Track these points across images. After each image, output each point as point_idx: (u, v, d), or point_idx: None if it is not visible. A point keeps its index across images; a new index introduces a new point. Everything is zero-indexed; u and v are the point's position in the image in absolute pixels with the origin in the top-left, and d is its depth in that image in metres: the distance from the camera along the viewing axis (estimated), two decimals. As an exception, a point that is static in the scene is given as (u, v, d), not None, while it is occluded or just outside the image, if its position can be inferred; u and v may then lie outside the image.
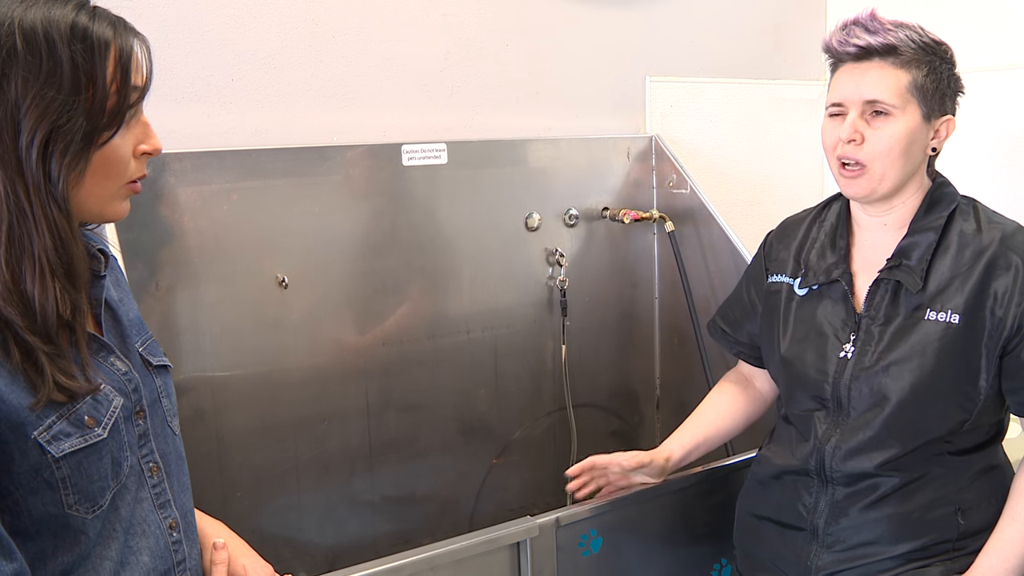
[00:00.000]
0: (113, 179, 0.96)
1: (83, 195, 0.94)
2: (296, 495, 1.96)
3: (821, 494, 1.40)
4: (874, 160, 1.30)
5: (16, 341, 0.89)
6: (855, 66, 1.33)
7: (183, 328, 1.79)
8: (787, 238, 1.53)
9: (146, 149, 0.99)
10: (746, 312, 1.58)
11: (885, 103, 1.29)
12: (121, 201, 0.99)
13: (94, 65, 0.90)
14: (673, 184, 2.30)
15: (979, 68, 2.32)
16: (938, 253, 1.32)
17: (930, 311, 1.30)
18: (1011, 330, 1.26)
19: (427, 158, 2.02)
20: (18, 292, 0.89)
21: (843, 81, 1.34)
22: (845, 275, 1.39)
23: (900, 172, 1.31)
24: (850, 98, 1.32)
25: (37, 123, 0.88)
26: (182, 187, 1.76)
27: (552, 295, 2.25)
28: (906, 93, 1.29)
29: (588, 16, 2.28)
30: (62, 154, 0.89)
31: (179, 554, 1.06)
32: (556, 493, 2.32)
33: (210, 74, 1.83)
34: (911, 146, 1.30)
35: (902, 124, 1.29)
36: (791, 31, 2.63)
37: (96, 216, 0.99)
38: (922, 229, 1.34)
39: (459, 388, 2.16)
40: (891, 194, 1.34)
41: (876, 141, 1.29)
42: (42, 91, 0.88)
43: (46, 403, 0.90)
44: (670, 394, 2.45)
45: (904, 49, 1.29)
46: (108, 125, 0.93)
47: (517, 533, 1.47)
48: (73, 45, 0.89)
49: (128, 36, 0.95)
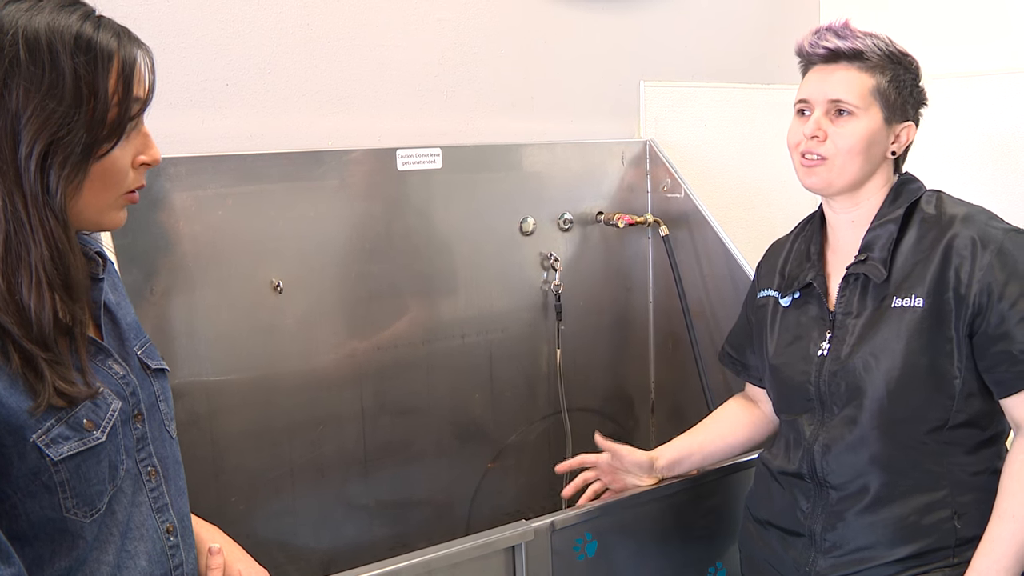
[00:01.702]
0: (111, 190, 0.96)
1: (80, 205, 0.94)
2: (291, 499, 1.96)
3: (816, 499, 1.40)
4: (835, 155, 1.35)
5: (16, 347, 0.89)
6: (823, 68, 1.39)
7: (178, 333, 1.79)
8: (773, 256, 1.58)
9: (145, 160, 0.99)
10: (748, 335, 1.62)
11: (848, 103, 1.35)
12: (118, 211, 0.99)
13: (96, 77, 0.90)
14: (667, 188, 2.30)
15: (967, 73, 2.34)
16: (902, 242, 1.35)
17: (895, 299, 1.32)
18: (974, 308, 1.27)
19: (422, 163, 2.02)
20: (14, 302, 0.89)
21: (811, 81, 1.41)
22: (819, 277, 1.43)
23: (858, 169, 1.36)
24: (815, 97, 1.38)
25: (37, 135, 0.87)
26: (177, 192, 1.76)
27: (547, 299, 2.25)
28: (869, 96, 1.35)
29: (582, 21, 2.29)
30: (61, 166, 0.89)
31: (176, 559, 1.06)
32: (551, 497, 2.32)
33: (205, 79, 1.83)
34: (871, 146, 1.35)
35: (863, 124, 1.35)
36: (784, 35, 2.64)
37: (93, 225, 0.99)
38: (884, 222, 1.38)
39: (454, 392, 2.16)
40: (849, 188, 1.38)
41: (838, 138, 1.35)
42: (43, 102, 0.87)
43: (46, 408, 0.90)
44: (665, 398, 2.46)
45: (870, 55, 1.36)
46: (108, 137, 0.92)
47: (512, 537, 1.48)
48: (76, 56, 0.89)
49: (132, 47, 0.94)
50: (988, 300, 1.26)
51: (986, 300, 1.26)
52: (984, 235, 1.29)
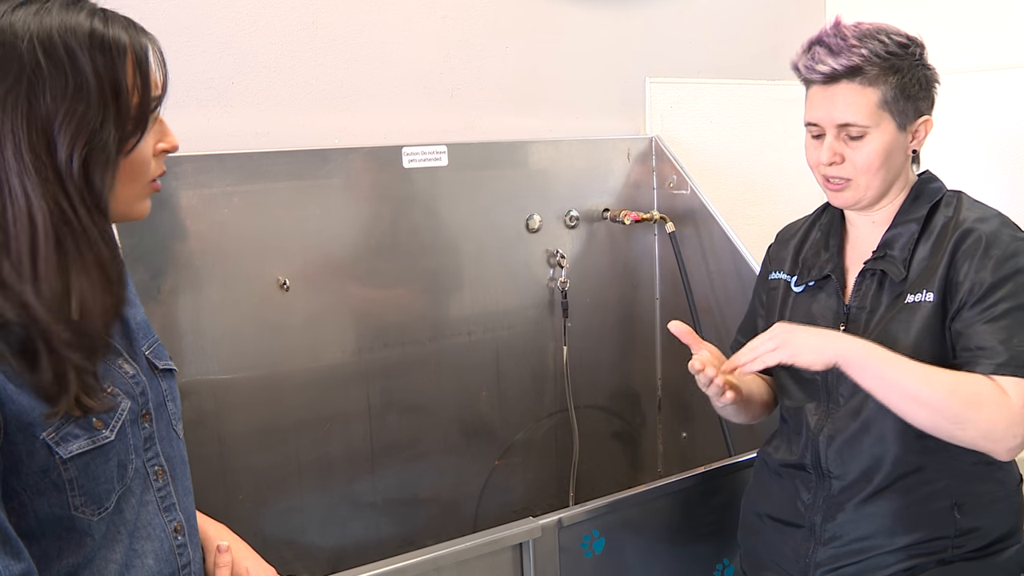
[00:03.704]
0: (138, 181, 0.97)
1: (112, 199, 0.94)
2: (298, 497, 1.96)
3: (818, 490, 1.41)
4: (857, 175, 1.35)
5: (52, 359, 0.88)
6: (824, 89, 1.36)
7: (185, 331, 1.79)
8: (787, 240, 1.57)
9: (164, 147, 1.00)
10: (758, 323, 1.60)
11: (858, 125, 1.33)
12: (144, 200, 1.00)
13: (116, 73, 0.90)
14: (673, 185, 2.30)
15: (972, 68, 2.33)
16: (921, 242, 1.35)
17: (910, 295, 1.32)
18: (959, 302, 1.28)
19: (428, 160, 2.02)
20: (68, 305, 0.88)
21: (815, 103, 1.38)
22: (837, 270, 1.43)
23: (883, 182, 1.36)
24: (824, 121, 1.36)
25: (75, 138, 0.87)
26: (183, 190, 1.76)
27: (553, 296, 2.25)
28: (877, 110, 1.32)
29: (587, 18, 2.29)
30: (104, 165, 0.89)
31: (184, 557, 1.07)
32: (559, 494, 2.33)
33: (210, 77, 1.84)
34: (890, 157, 1.35)
35: (878, 141, 1.33)
36: (790, 31, 2.63)
37: (122, 217, 0.99)
38: (905, 221, 1.38)
39: (461, 390, 2.16)
40: (878, 200, 1.39)
41: (856, 159, 1.34)
42: (73, 106, 0.87)
43: (62, 417, 0.90)
44: (672, 395, 2.45)
45: (868, 68, 1.31)
46: (134, 131, 0.93)
47: (520, 534, 1.48)
48: (94, 55, 0.88)
49: (142, 37, 0.94)
50: (971, 297, 1.27)
51: (970, 298, 1.27)
52: (992, 238, 1.29)
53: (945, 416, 1.22)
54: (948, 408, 1.22)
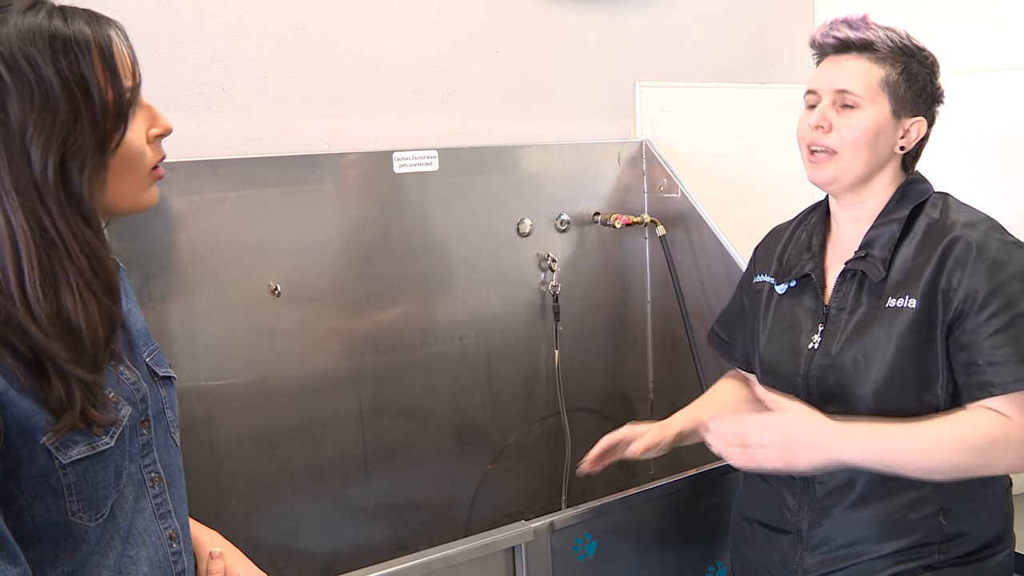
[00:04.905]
0: (135, 172, 0.96)
1: (110, 197, 0.93)
2: (291, 503, 1.96)
3: (803, 495, 1.41)
4: (842, 147, 1.35)
5: (59, 375, 0.88)
6: (834, 58, 1.40)
7: (176, 337, 1.79)
8: (773, 242, 1.57)
9: (158, 132, 0.98)
10: (740, 318, 1.61)
11: (854, 94, 1.34)
12: (148, 190, 0.99)
13: (83, 73, 0.88)
14: (664, 188, 2.31)
15: (967, 70, 2.34)
16: (903, 243, 1.35)
17: (891, 299, 1.32)
18: (955, 313, 1.27)
19: (418, 165, 2.02)
20: (62, 323, 0.87)
21: (820, 71, 1.41)
22: (817, 269, 1.43)
23: (865, 163, 1.36)
24: (823, 86, 1.38)
25: (47, 148, 0.86)
26: (174, 196, 1.76)
27: (545, 300, 2.25)
28: (876, 87, 1.34)
29: (577, 22, 2.29)
30: (80, 170, 0.88)
31: (179, 565, 1.07)
32: (551, 498, 2.33)
33: (201, 84, 1.84)
34: (877, 138, 1.35)
35: (869, 115, 1.34)
36: (779, 35, 2.64)
37: (128, 210, 0.98)
38: (887, 221, 1.37)
39: (453, 394, 2.16)
40: (856, 184, 1.38)
41: (843, 129, 1.35)
42: (41, 116, 0.85)
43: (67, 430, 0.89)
44: (664, 398, 2.46)
45: (881, 46, 1.35)
46: (116, 127, 0.91)
47: (512, 538, 1.48)
48: (57, 59, 0.86)
49: (104, 28, 0.92)
50: (969, 307, 1.26)
51: (967, 307, 1.26)
52: (982, 244, 1.28)
53: (964, 471, 1.24)
54: (962, 465, 1.23)
